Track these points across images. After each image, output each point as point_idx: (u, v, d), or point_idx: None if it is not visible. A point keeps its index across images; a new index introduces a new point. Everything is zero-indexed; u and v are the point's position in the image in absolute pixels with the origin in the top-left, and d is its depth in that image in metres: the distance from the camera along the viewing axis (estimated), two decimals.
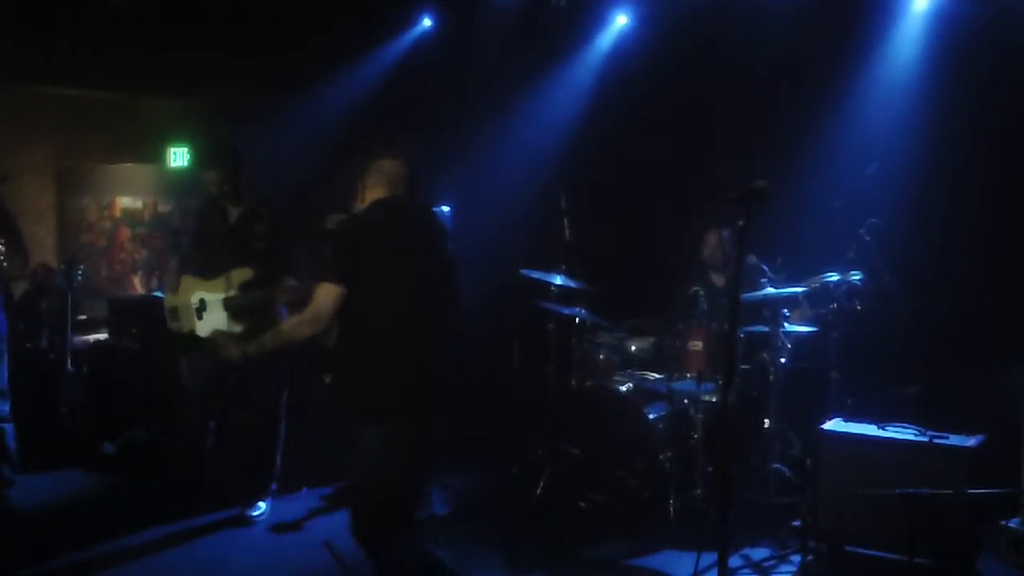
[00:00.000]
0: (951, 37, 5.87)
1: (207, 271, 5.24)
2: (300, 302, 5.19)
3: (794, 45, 6.14)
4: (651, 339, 5.92)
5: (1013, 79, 5.60)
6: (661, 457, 5.17)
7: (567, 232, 6.20)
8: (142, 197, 8.85)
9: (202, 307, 5.20)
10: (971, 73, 5.73)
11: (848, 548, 4.70)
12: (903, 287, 5.35)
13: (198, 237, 5.47)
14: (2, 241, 5.10)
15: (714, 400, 5.39)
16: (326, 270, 3.81)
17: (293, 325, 3.96)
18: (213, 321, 5.16)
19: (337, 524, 5.38)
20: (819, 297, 5.37)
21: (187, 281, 5.28)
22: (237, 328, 5.11)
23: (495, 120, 7.33)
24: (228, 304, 5.11)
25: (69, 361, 6.34)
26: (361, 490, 3.80)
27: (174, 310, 5.31)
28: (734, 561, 4.78)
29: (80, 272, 6.36)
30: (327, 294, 3.77)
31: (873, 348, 5.62)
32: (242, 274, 5.10)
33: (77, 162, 8.42)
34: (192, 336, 5.19)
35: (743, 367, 5.61)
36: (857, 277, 5.24)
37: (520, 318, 7.10)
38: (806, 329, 5.48)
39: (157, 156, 8.66)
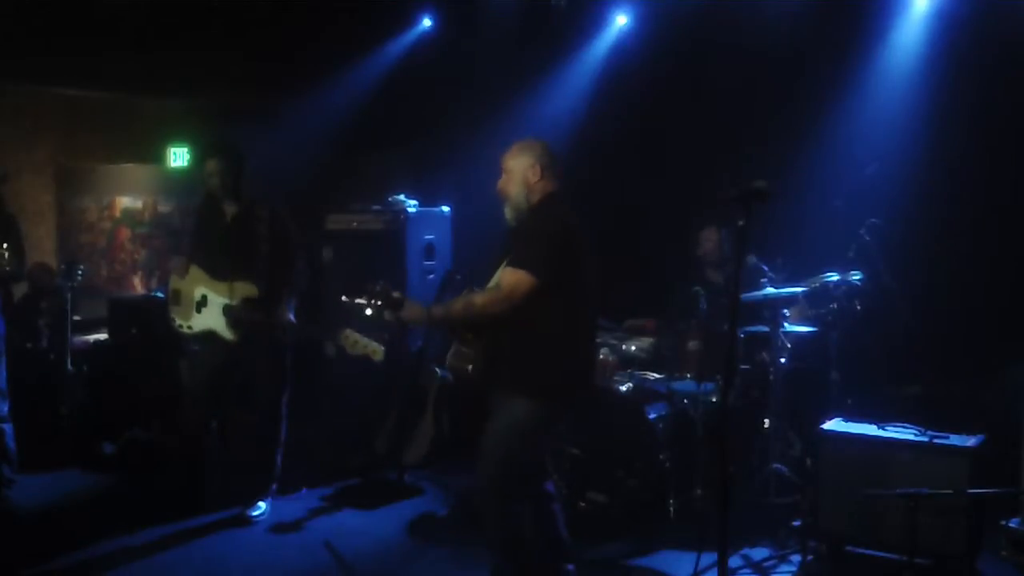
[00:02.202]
0: (951, 37, 5.87)
1: (211, 270, 5.25)
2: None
3: (794, 45, 6.14)
4: (651, 339, 5.92)
5: (1013, 79, 5.60)
6: (661, 457, 5.17)
7: None
8: (142, 197, 8.84)
9: (203, 302, 5.22)
10: (971, 73, 5.73)
11: (848, 548, 4.71)
12: (903, 287, 5.35)
13: (198, 236, 5.49)
14: (4, 246, 5.10)
15: (714, 400, 5.39)
16: (528, 257, 3.77)
17: (487, 303, 3.82)
18: (209, 319, 5.18)
19: (337, 524, 5.39)
20: (819, 297, 5.37)
21: (195, 271, 5.30)
22: (229, 335, 5.14)
23: (495, 120, 7.32)
24: (228, 312, 5.13)
25: (69, 361, 6.34)
26: (494, 460, 3.87)
27: (177, 293, 5.34)
28: (734, 561, 4.77)
29: (80, 272, 6.36)
30: (521, 282, 3.74)
31: (873, 348, 5.62)
32: (247, 289, 5.10)
33: (77, 162, 8.42)
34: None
35: (743, 367, 5.60)
36: (857, 277, 5.24)
37: None
38: (806, 329, 5.48)
39: (157, 156, 8.66)
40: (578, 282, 3.90)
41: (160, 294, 7.25)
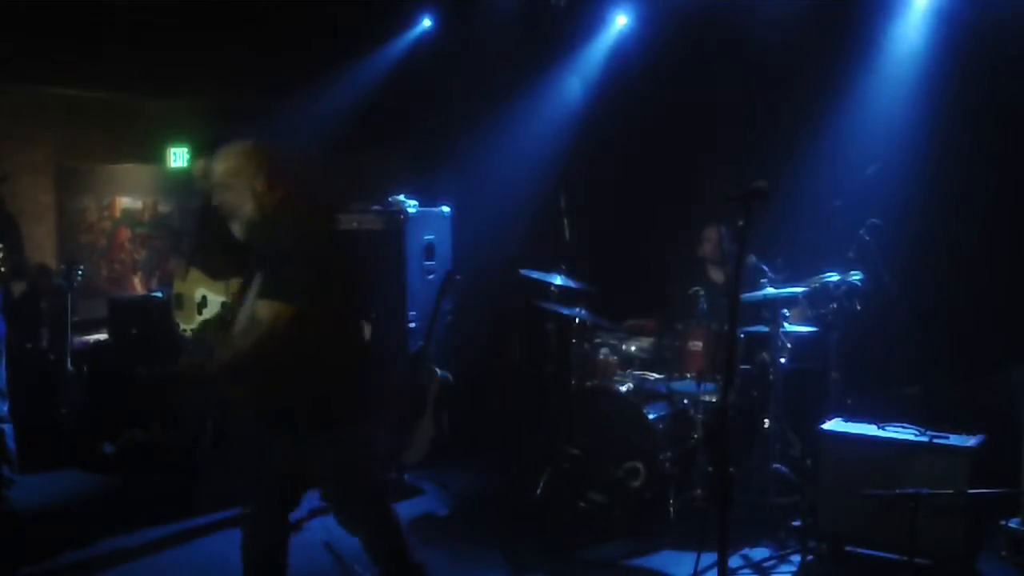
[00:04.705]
0: (952, 36, 5.87)
1: (210, 270, 5.25)
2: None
3: (794, 45, 6.14)
4: (651, 339, 5.93)
5: (1014, 78, 5.59)
6: (661, 457, 5.17)
7: (567, 232, 6.21)
8: (142, 197, 8.83)
9: (203, 303, 5.22)
10: (972, 72, 5.73)
11: (848, 548, 4.71)
12: (903, 287, 5.35)
13: (198, 237, 5.49)
14: (1, 246, 5.11)
15: (714, 400, 5.38)
16: (281, 286, 3.43)
17: (253, 344, 3.46)
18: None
19: (337, 524, 5.38)
20: (819, 297, 5.37)
21: (195, 273, 5.30)
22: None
23: (495, 120, 7.33)
24: (226, 309, 5.12)
25: (69, 361, 6.34)
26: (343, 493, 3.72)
27: (179, 297, 5.34)
28: (734, 561, 4.78)
29: (80, 272, 6.36)
30: (280, 313, 3.39)
31: (873, 348, 5.62)
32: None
33: (77, 162, 8.40)
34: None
35: (743, 367, 5.61)
36: (857, 277, 5.24)
37: (520, 318, 7.10)
38: (806, 329, 5.48)
39: (157, 156, 8.65)
40: (341, 295, 3.60)
41: (160, 294, 7.25)
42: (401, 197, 6.78)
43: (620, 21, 7.24)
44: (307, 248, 3.54)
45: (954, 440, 4.54)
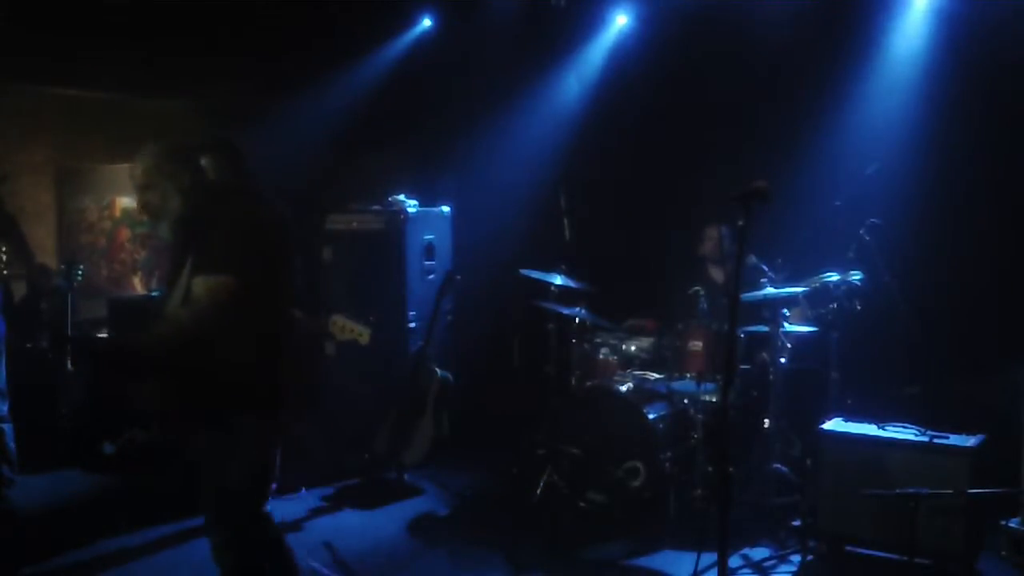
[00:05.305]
0: (952, 36, 5.87)
1: None
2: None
3: (794, 45, 6.15)
4: (651, 339, 5.93)
5: (1014, 78, 5.59)
6: (661, 457, 5.17)
7: (567, 232, 6.21)
8: None
9: None
10: (972, 72, 5.73)
11: (848, 548, 4.71)
12: (903, 287, 5.36)
13: None
14: (3, 249, 5.11)
15: (714, 400, 5.39)
16: (217, 259, 3.35)
17: (193, 317, 3.37)
18: None
19: (337, 524, 5.39)
20: (819, 297, 5.37)
21: None
22: None
23: (495, 120, 7.33)
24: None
25: (69, 361, 6.33)
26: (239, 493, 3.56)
27: None
28: (734, 561, 4.78)
29: (80, 272, 6.35)
30: (219, 285, 3.33)
31: (873, 348, 5.62)
32: None
33: (77, 162, 8.41)
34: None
35: (743, 367, 5.61)
36: (857, 277, 5.24)
37: (520, 318, 7.10)
38: (806, 329, 5.49)
39: None
40: (275, 277, 3.55)
41: (160, 294, 7.24)
42: (401, 197, 6.78)
43: (620, 21, 7.23)
44: (240, 227, 3.45)
45: (954, 440, 4.55)
